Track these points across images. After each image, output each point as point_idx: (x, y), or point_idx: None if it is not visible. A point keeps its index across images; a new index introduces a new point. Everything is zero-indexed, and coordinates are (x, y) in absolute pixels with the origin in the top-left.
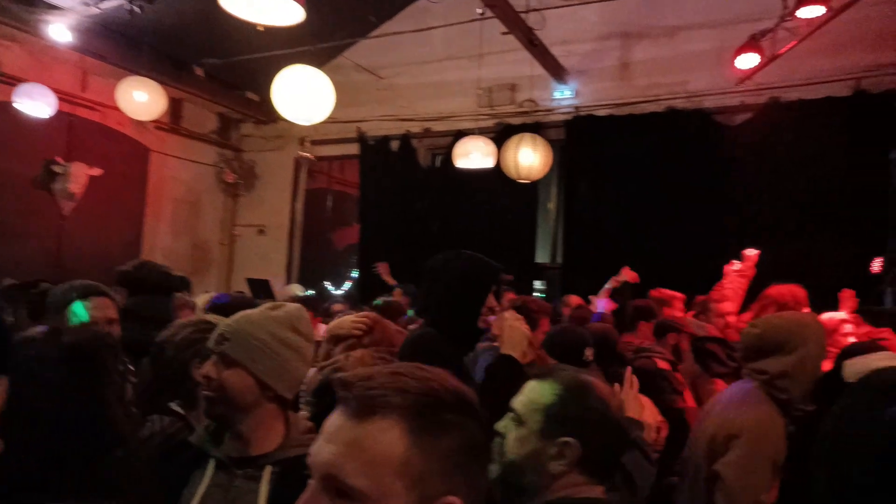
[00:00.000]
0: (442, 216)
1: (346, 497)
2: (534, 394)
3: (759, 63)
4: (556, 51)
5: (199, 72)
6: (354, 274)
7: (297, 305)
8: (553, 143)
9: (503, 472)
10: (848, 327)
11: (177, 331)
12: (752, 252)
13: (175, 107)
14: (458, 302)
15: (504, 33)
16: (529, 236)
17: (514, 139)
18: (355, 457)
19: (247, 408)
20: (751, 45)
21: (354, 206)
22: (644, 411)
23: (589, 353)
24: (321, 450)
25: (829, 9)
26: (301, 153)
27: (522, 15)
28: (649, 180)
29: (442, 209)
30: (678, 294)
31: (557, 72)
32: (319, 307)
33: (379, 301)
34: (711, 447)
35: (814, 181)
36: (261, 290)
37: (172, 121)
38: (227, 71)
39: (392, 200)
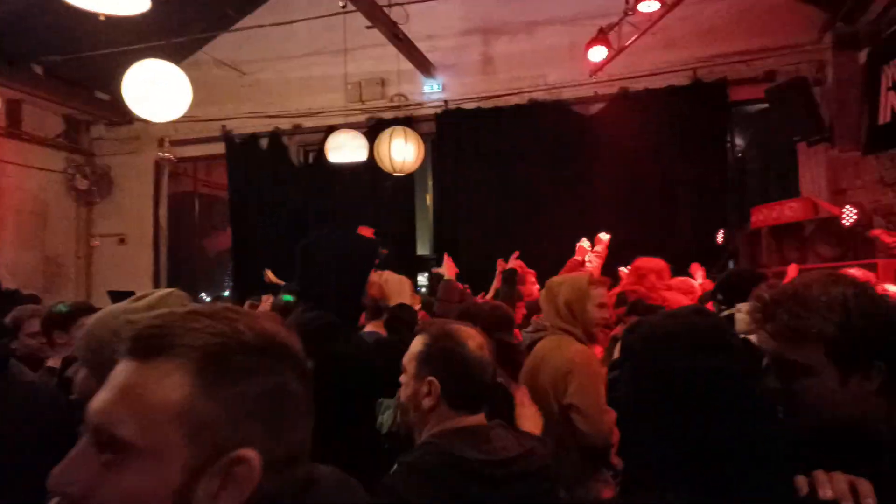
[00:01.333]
0: (318, 212)
1: (115, 449)
2: (413, 345)
3: (608, 56)
4: (421, 46)
5: (38, 69)
6: (229, 281)
7: (164, 292)
8: (425, 137)
9: (400, 413)
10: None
11: None
12: (604, 236)
13: (12, 108)
14: (345, 280)
15: (368, 27)
16: (409, 229)
17: (386, 132)
18: (128, 403)
19: None
20: (599, 39)
21: (225, 209)
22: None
23: None
24: (96, 398)
25: (663, 4)
26: (161, 154)
27: (385, 9)
28: (517, 169)
29: (318, 205)
30: (530, 270)
31: (424, 66)
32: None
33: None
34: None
35: (662, 163)
36: None
37: (10, 124)
38: (70, 68)
39: (265, 200)
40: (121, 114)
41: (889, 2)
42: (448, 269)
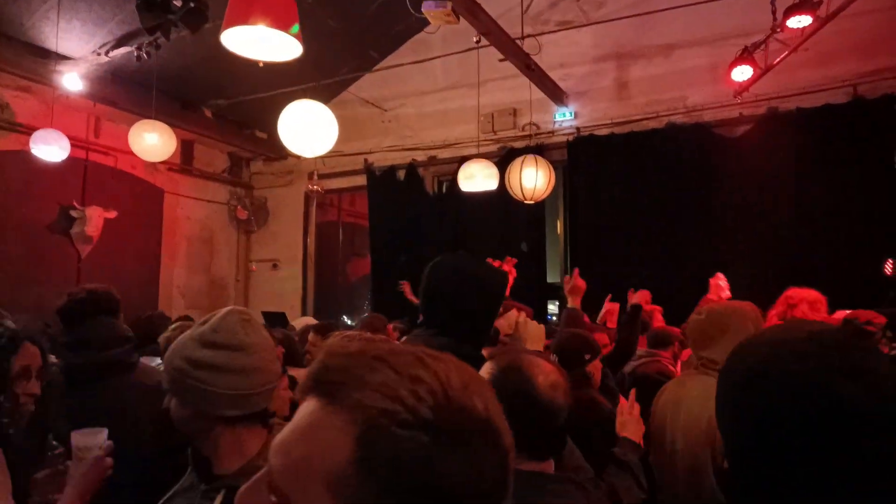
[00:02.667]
0: (451, 240)
1: (275, 494)
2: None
3: (754, 75)
4: (553, 74)
5: (207, 113)
6: (368, 305)
7: (225, 311)
8: (556, 165)
9: None
10: None
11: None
12: (722, 281)
13: (186, 148)
14: (471, 306)
15: (501, 60)
16: (539, 257)
17: (517, 161)
18: (292, 449)
19: (198, 434)
20: (744, 58)
21: (366, 237)
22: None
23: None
24: (279, 435)
25: (816, 18)
26: (310, 186)
27: (518, 41)
28: (652, 195)
29: (451, 233)
30: (657, 307)
31: (556, 95)
32: (334, 332)
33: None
34: (711, 440)
35: (817, 189)
36: (277, 322)
37: (184, 161)
38: (234, 111)
39: (401, 229)
40: (277, 150)
41: None
42: (574, 283)
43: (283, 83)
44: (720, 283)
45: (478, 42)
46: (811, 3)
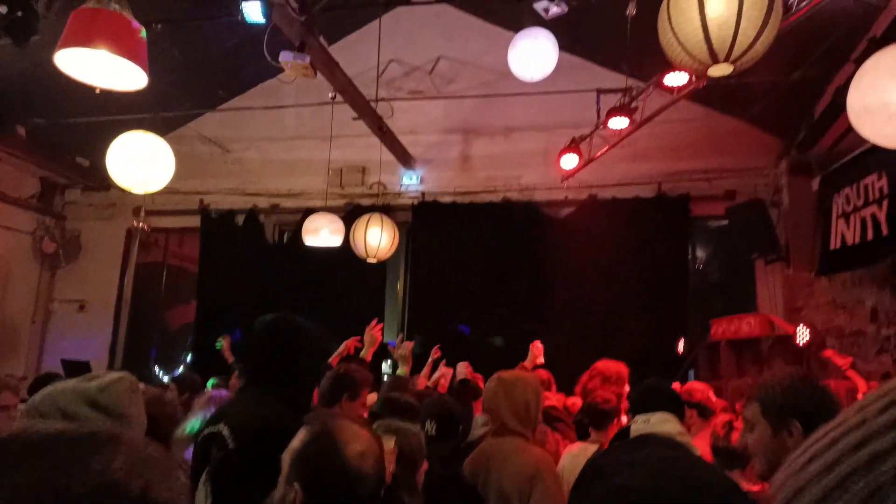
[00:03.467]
0: (288, 293)
1: None
2: (293, 440)
3: (579, 164)
4: (404, 139)
5: (21, 131)
6: (188, 357)
7: (117, 376)
8: (400, 226)
9: None
10: None
11: None
12: (537, 349)
13: None
14: (303, 369)
15: (355, 119)
16: (377, 315)
17: (363, 219)
18: None
19: None
20: (572, 147)
21: (191, 282)
22: None
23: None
24: None
25: (632, 122)
26: (136, 223)
27: (372, 103)
28: (487, 263)
29: (289, 286)
30: (478, 374)
31: (405, 158)
32: (197, 386)
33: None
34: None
35: (625, 270)
36: (79, 374)
37: None
38: (54, 133)
39: (235, 276)
40: (98, 180)
41: (839, 135)
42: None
43: (115, 110)
44: (535, 350)
45: (333, 98)
46: (628, 108)
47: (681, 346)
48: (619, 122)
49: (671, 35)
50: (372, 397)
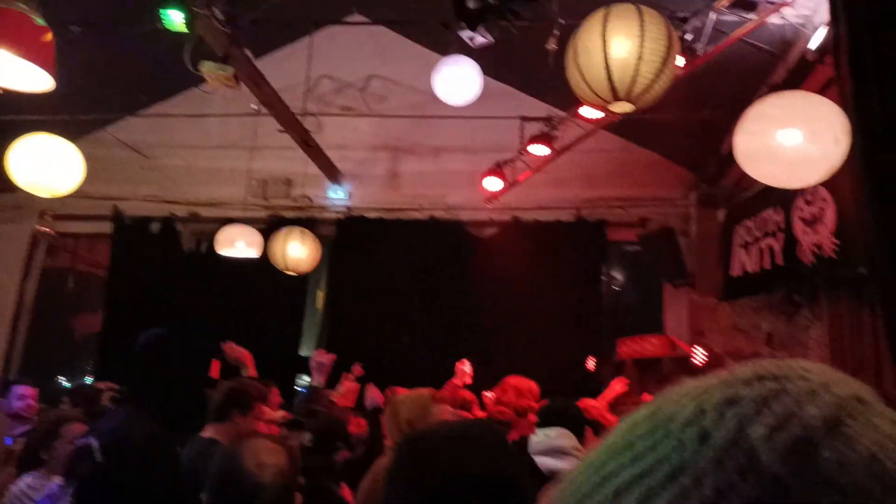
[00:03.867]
0: (201, 303)
1: None
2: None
3: (503, 187)
4: (331, 154)
5: None
6: (91, 366)
7: None
8: (324, 240)
9: None
10: None
11: None
12: (466, 367)
13: None
14: (177, 385)
15: (280, 131)
16: (295, 329)
17: (283, 232)
18: None
19: None
20: (495, 170)
21: (101, 290)
22: None
23: None
24: None
25: (553, 149)
26: (40, 228)
27: (299, 117)
28: (410, 281)
29: (203, 296)
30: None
31: (332, 173)
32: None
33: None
34: None
35: (544, 290)
36: None
37: None
38: None
39: (146, 285)
40: (2, 180)
41: (742, 173)
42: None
43: (27, 110)
44: (464, 369)
45: (257, 111)
46: (549, 136)
47: (591, 364)
48: (540, 150)
49: (577, 73)
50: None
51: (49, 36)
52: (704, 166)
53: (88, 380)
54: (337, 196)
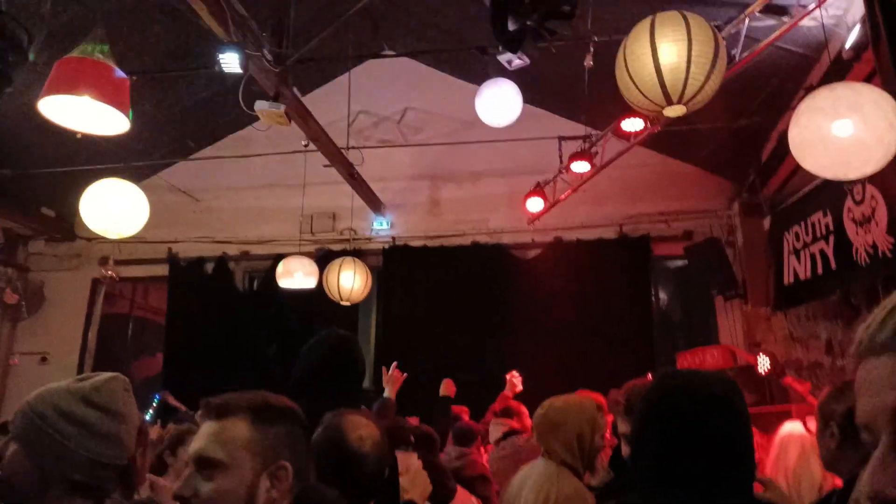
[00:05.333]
0: (258, 341)
1: (210, 467)
2: None
3: (544, 207)
4: (374, 185)
5: None
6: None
7: (110, 375)
8: (371, 270)
9: None
10: None
11: None
12: (516, 378)
13: None
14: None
15: (326, 166)
16: None
17: (336, 262)
18: (215, 441)
19: (27, 493)
20: (536, 191)
21: (157, 334)
22: None
23: None
24: (192, 445)
25: (593, 165)
26: (104, 272)
27: (343, 151)
28: (458, 305)
29: (259, 333)
30: (464, 407)
31: (375, 204)
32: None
33: None
34: None
35: (591, 309)
36: None
37: None
38: (19, 184)
39: (204, 325)
40: (63, 230)
41: (785, 177)
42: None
43: (83, 160)
44: (514, 380)
45: (306, 146)
46: (589, 153)
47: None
48: (580, 166)
49: (629, 80)
50: None
51: (126, 82)
52: (745, 175)
53: (147, 418)
54: (381, 227)
